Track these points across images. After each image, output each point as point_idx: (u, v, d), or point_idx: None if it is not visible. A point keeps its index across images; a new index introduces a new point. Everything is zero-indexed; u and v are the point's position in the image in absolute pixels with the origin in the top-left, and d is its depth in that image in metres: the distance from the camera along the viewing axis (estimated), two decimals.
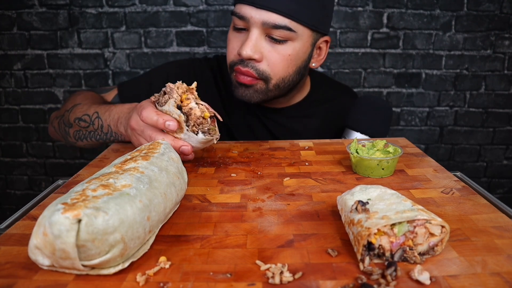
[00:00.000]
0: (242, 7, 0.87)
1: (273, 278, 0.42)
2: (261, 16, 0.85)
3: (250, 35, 0.87)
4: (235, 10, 0.89)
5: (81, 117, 0.90)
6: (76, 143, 0.95)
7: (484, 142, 1.93)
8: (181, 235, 0.52)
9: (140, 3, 1.74)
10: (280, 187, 0.67)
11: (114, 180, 0.47)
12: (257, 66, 0.89)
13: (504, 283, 0.41)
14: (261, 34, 0.87)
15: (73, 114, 0.93)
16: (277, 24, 0.85)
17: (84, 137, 0.92)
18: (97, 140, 0.90)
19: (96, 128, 0.88)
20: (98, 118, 0.87)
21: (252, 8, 0.85)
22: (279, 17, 0.85)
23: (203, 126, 0.72)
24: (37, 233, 0.41)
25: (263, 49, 0.88)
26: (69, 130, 0.94)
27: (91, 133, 0.90)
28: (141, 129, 0.73)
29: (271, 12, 0.84)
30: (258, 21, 0.85)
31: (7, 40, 1.80)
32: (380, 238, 0.44)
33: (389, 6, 1.73)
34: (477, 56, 1.80)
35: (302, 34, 0.89)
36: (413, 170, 0.74)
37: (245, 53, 0.86)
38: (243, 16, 0.86)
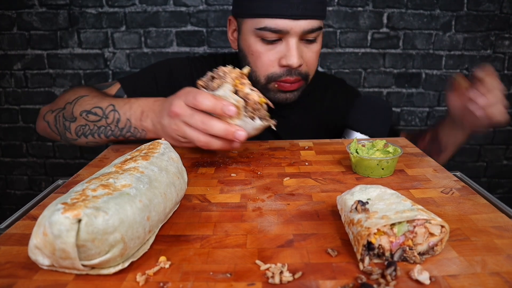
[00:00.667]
0: (277, 21, 0.86)
1: (273, 278, 0.42)
2: (301, 26, 0.86)
3: (290, 44, 0.88)
4: (268, 26, 0.87)
5: (91, 110, 0.83)
6: (76, 141, 0.87)
7: (484, 142, 1.93)
8: (181, 235, 0.52)
9: (140, 3, 1.74)
10: (280, 187, 0.67)
11: (114, 180, 0.47)
12: (300, 70, 0.93)
13: (503, 283, 0.41)
14: (298, 41, 0.89)
15: (78, 107, 0.85)
16: (314, 29, 0.88)
17: (90, 133, 0.84)
18: (107, 136, 0.84)
19: (110, 122, 0.82)
20: (114, 111, 0.82)
21: (289, 21, 0.85)
22: (314, 22, 0.88)
23: (259, 112, 0.69)
24: (37, 233, 0.41)
25: (302, 53, 0.91)
26: (71, 125, 0.86)
27: (101, 129, 0.83)
28: (188, 114, 0.69)
29: (307, 20, 0.86)
30: (299, 31, 0.87)
31: (7, 40, 1.80)
32: (380, 238, 0.44)
33: (389, 6, 1.74)
34: (477, 56, 1.80)
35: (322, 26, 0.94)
36: (413, 170, 0.74)
37: (294, 63, 0.88)
38: (281, 30, 0.86)
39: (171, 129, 0.72)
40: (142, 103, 0.81)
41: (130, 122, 0.81)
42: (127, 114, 0.81)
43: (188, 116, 0.69)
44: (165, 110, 0.73)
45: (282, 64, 0.90)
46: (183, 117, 0.70)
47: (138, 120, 0.80)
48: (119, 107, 0.82)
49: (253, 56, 0.93)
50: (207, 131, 0.69)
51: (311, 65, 0.95)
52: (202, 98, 0.67)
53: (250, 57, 0.95)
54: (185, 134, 0.71)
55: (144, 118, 0.79)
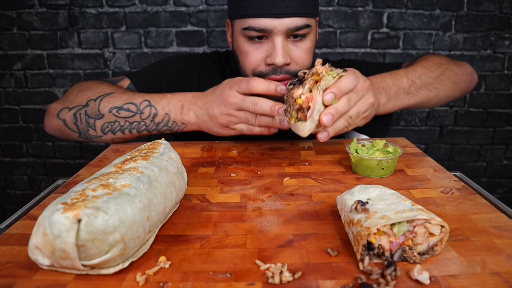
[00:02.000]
0: (260, 20, 0.86)
1: (272, 278, 0.42)
2: (284, 24, 0.85)
3: (275, 43, 0.87)
4: (252, 25, 0.87)
5: (122, 106, 0.85)
6: (100, 137, 0.88)
7: (484, 142, 1.93)
8: (181, 235, 0.52)
9: (140, 3, 1.74)
10: (280, 187, 0.67)
11: (114, 180, 0.47)
12: (289, 69, 0.91)
13: (503, 283, 0.41)
14: (284, 39, 0.88)
15: (107, 103, 0.86)
16: (299, 26, 0.87)
17: (120, 130, 0.87)
18: (139, 131, 0.87)
19: (145, 117, 0.85)
20: (150, 106, 0.85)
21: (272, 19, 0.85)
22: (298, 19, 0.87)
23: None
24: (37, 233, 0.41)
25: (289, 51, 0.90)
26: (96, 122, 0.87)
27: (134, 124, 0.86)
28: (240, 100, 0.78)
29: (291, 18, 0.86)
30: (282, 29, 0.86)
31: (7, 40, 1.80)
32: (380, 238, 0.44)
33: (389, 6, 1.74)
34: (477, 56, 1.80)
35: (313, 24, 0.92)
36: (412, 170, 0.74)
37: (279, 61, 0.87)
38: (264, 29, 0.86)
39: (223, 116, 0.81)
40: (181, 98, 0.86)
41: (168, 116, 0.85)
42: (165, 109, 0.85)
43: (240, 101, 0.79)
44: (215, 101, 0.82)
45: (268, 63, 0.89)
46: (236, 104, 0.79)
47: (178, 113, 0.85)
48: (155, 102, 0.86)
49: (242, 55, 0.94)
50: (256, 110, 0.79)
51: (301, 63, 0.93)
52: (256, 82, 0.77)
53: (240, 57, 0.95)
54: (238, 118, 0.81)
55: (186, 112, 0.85)
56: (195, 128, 0.87)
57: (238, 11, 0.89)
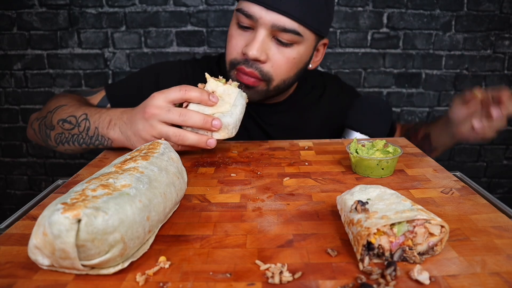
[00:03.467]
0: (251, 5, 0.84)
1: (272, 278, 0.42)
2: (271, 18, 0.82)
3: (257, 35, 0.85)
4: (242, 8, 0.85)
5: (66, 119, 0.86)
6: (57, 148, 0.90)
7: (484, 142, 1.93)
8: (181, 235, 0.52)
9: (140, 3, 1.74)
10: (280, 187, 0.67)
11: (113, 180, 0.47)
12: (261, 67, 0.88)
13: (503, 283, 0.41)
14: (268, 36, 0.85)
15: (56, 116, 0.87)
16: (286, 28, 0.83)
17: (66, 141, 0.86)
18: (80, 144, 0.85)
19: (82, 130, 0.84)
20: (86, 120, 0.83)
21: (261, 8, 0.82)
22: (288, 21, 0.83)
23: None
24: (36, 233, 0.41)
25: (268, 51, 0.87)
26: (51, 133, 0.88)
27: (74, 137, 0.85)
28: (164, 111, 0.72)
29: (281, 15, 0.82)
30: (268, 22, 0.83)
31: (7, 40, 1.80)
32: (380, 238, 0.44)
33: (389, 6, 1.74)
34: (477, 56, 1.80)
35: (307, 38, 0.88)
36: (412, 170, 0.74)
37: (251, 54, 0.84)
38: (251, 15, 0.83)
39: (145, 131, 0.74)
40: (112, 113, 0.82)
41: (97, 130, 0.82)
42: (96, 123, 0.82)
43: (165, 112, 0.72)
44: (138, 115, 0.76)
45: (243, 52, 0.87)
46: (158, 116, 0.72)
47: (105, 128, 0.81)
48: (90, 115, 0.83)
49: (228, 39, 0.92)
50: (185, 122, 0.72)
51: (277, 69, 0.89)
52: (190, 89, 0.72)
53: (227, 41, 0.93)
54: (160, 132, 0.73)
55: (112, 127, 0.80)
56: (121, 145, 0.82)
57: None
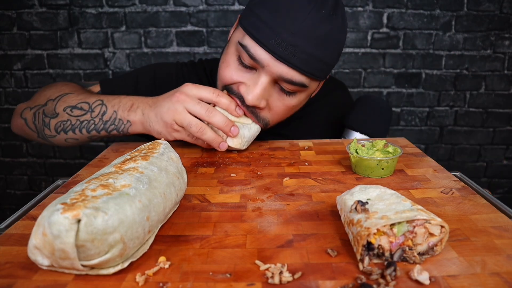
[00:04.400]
0: (258, 48, 0.75)
1: (272, 278, 0.42)
2: (279, 69, 0.75)
3: (259, 81, 0.77)
4: (247, 47, 0.76)
5: (76, 105, 0.84)
6: (54, 137, 0.86)
7: (484, 142, 1.93)
8: (181, 235, 0.52)
9: (140, 3, 1.74)
10: (280, 187, 0.67)
11: (113, 180, 0.47)
12: (258, 113, 0.82)
13: (503, 283, 0.41)
14: (271, 82, 0.79)
15: (62, 103, 0.85)
16: (293, 81, 0.77)
17: (71, 129, 0.84)
18: (88, 131, 0.84)
19: (95, 115, 0.83)
20: (101, 105, 0.83)
21: (271, 57, 0.74)
22: (297, 74, 0.76)
23: None
24: (36, 233, 0.41)
25: (269, 97, 0.81)
26: (51, 121, 0.85)
27: (84, 123, 0.83)
28: (194, 101, 0.75)
29: (290, 68, 0.75)
30: (274, 72, 0.76)
31: (7, 40, 1.80)
32: (380, 238, 0.44)
33: (389, 6, 1.74)
34: (477, 56, 1.80)
35: (312, 86, 0.83)
36: (412, 170, 0.74)
37: (251, 101, 0.78)
38: (258, 60, 0.76)
39: (168, 114, 0.76)
40: (134, 98, 0.83)
41: (116, 114, 0.82)
42: (115, 107, 0.82)
43: (194, 102, 0.74)
44: (165, 98, 0.78)
45: (242, 93, 0.80)
46: (187, 103, 0.74)
47: (126, 111, 0.82)
48: (107, 101, 0.83)
49: (223, 64, 0.84)
50: (209, 118, 0.75)
51: (275, 115, 0.84)
52: (222, 94, 0.76)
53: (221, 64, 0.85)
54: (183, 118, 0.75)
55: (134, 109, 0.81)
56: (139, 128, 0.83)
57: (247, 22, 0.78)
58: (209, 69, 1.08)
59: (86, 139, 0.87)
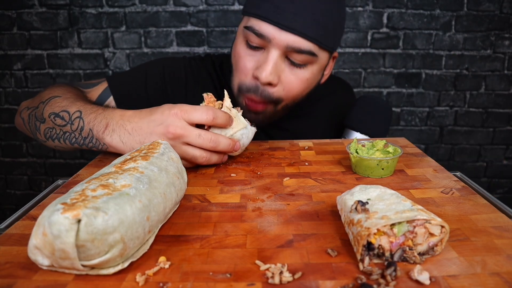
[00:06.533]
0: (262, 24, 0.78)
1: (272, 278, 0.42)
2: (286, 39, 0.77)
3: (269, 57, 0.79)
4: (253, 26, 0.79)
5: (59, 113, 0.78)
6: (45, 143, 0.82)
7: (484, 142, 1.93)
8: (181, 235, 0.52)
9: (140, 3, 1.74)
10: (280, 187, 0.67)
11: (113, 180, 0.47)
12: (272, 93, 0.84)
13: (503, 283, 0.41)
14: (281, 56, 0.80)
15: (49, 108, 0.80)
16: (302, 49, 0.78)
17: (57, 138, 0.79)
18: (71, 143, 0.78)
19: (74, 129, 0.76)
20: (80, 118, 0.76)
21: (275, 28, 0.77)
22: (304, 41, 0.78)
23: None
24: (36, 233, 0.41)
25: (281, 73, 0.82)
26: (40, 126, 0.80)
27: (66, 134, 0.78)
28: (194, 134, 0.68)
29: (296, 36, 0.77)
30: (282, 43, 0.78)
31: (7, 40, 1.80)
32: (380, 238, 0.44)
33: (389, 6, 1.74)
34: (477, 56, 1.80)
35: (321, 57, 0.84)
36: (412, 170, 0.74)
37: (264, 78, 0.79)
38: (264, 35, 0.78)
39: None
40: (109, 115, 0.74)
41: (92, 133, 0.75)
42: (90, 124, 0.75)
43: (194, 137, 0.67)
44: (154, 130, 0.69)
45: (254, 75, 0.82)
46: (186, 138, 0.68)
47: (100, 132, 0.74)
48: (85, 115, 0.76)
49: (235, 58, 0.87)
50: (215, 148, 0.70)
51: (289, 91, 0.84)
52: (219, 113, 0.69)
53: (233, 59, 0.88)
54: (186, 154, 0.69)
55: (109, 132, 0.73)
56: (119, 152, 0.75)
57: (249, 7, 0.82)
58: (218, 63, 1.07)
59: (73, 149, 0.82)
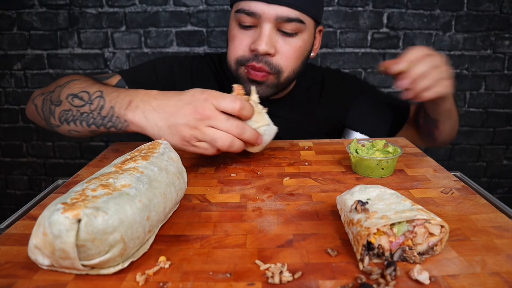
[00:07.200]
0: (251, 3, 0.87)
1: (272, 278, 0.42)
2: (275, 11, 0.85)
3: (263, 30, 0.87)
4: (242, 7, 0.88)
5: (77, 94, 0.78)
6: (59, 127, 0.81)
7: (484, 142, 1.93)
8: (181, 235, 0.52)
9: (140, 3, 1.74)
10: (280, 187, 0.67)
11: (113, 180, 0.47)
12: (271, 61, 0.90)
13: (503, 283, 0.41)
14: (273, 29, 0.88)
15: (67, 90, 0.80)
16: (290, 18, 0.86)
17: (73, 120, 0.78)
18: (88, 125, 0.77)
19: (94, 109, 0.76)
20: (100, 97, 0.76)
21: (263, 4, 0.85)
22: (290, 10, 0.86)
23: None
24: (36, 233, 0.41)
25: (276, 43, 0.89)
26: (55, 109, 0.80)
27: (83, 115, 0.77)
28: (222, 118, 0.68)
29: (283, 6, 0.85)
30: (271, 16, 0.86)
31: (7, 40, 1.80)
32: (380, 238, 0.44)
33: (389, 6, 1.73)
34: (477, 56, 1.80)
35: (308, 25, 0.91)
36: (412, 170, 0.74)
37: (261, 48, 0.87)
38: (254, 13, 0.86)
39: (187, 129, 0.68)
40: (132, 93, 0.75)
41: (113, 110, 0.74)
42: (112, 102, 0.75)
43: (222, 120, 0.68)
44: (183, 110, 0.69)
45: (251, 49, 0.89)
46: (214, 121, 0.68)
47: (123, 109, 0.73)
48: (106, 94, 0.76)
49: (230, 40, 0.94)
50: (240, 135, 0.69)
51: (286, 60, 0.92)
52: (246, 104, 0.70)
53: (229, 41, 0.95)
54: (205, 134, 0.68)
55: (132, 109, 0.72)
56: (139, 131, 0.74)
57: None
58: (217, 60, 1.13)
59: (88, 133, 0.81)
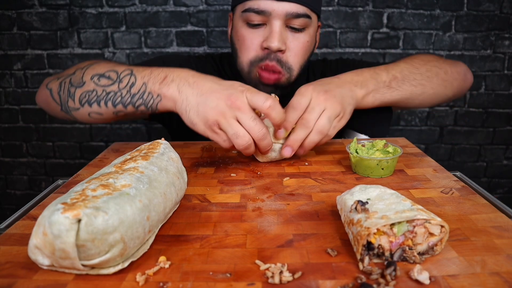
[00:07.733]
0: (260, 2, 0.87)
1: (272, 277, 0.42)
2: (284, 8, 0.87)
3: (273, 27, 0.88)
4: (251, 7, 0.88)
5: (104, 73, 0.79)
6: (78, 111, 0.81)
7: (484, 142, 1.93)
8: (181, 235, 0.52)
9: (140, 3, 1.74)
10: (280, 187, 0.67)
11: (114, 180, 0.47)
12: (282, 58, 0.92)
13: (503, 283, 0.41)
14: (283, 25, 0.89)
15: (91, 71, 0.81)
16: (299, 13, 0.88)
17: (96, 100, 0.78)
18: (114, 104, 0.77)
19: (123, 86, 0.76)
20: (131, 75, 0.76)
21: (272, 1, 0.87)
22: (299, 7, 0.88)
23: None
24: (37, 233, 0.41)
25: (286, 40, 0.91)
26: (76, 91, 0.80)
27: (110, 94, 0.77)
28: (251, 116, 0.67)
29: (291, 3, 0.87)
30: (281, 13, 0.87)
31: (7, 40, 1.80)
32: (380, 238, 0.44)
33: (389, 6, 1.73)
34: (477, 56, 1.80)
35: (313, 20, 0.93)
36: (412, 170, 0.74)
37: (274, 45, 0.88)
38: (264, 11, 0.87)
39: (215, 113, 0.67)
40: (168, 70, 0.75)
41: (145, 87, 0.75)
42: (145, 78, 0.75)
43: (249, 117, 0.67)
44: (217, 92, 0.69)
45: (263, 47, 0.90)
46: (242, 113, 0.67)
47: (157, 83, 0.74)
48: (137, 72, 0.77)
49: (239, 41, 0.94)
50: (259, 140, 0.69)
51: (296, 56, 0.93)
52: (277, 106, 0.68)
53: (237, 43, 0.95)
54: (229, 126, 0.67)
55: (167, 82, 0.73)
56: (170, 105, 0.74)
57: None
58: (218, 60, 1.13)
59: (111, 115, 0.80)
